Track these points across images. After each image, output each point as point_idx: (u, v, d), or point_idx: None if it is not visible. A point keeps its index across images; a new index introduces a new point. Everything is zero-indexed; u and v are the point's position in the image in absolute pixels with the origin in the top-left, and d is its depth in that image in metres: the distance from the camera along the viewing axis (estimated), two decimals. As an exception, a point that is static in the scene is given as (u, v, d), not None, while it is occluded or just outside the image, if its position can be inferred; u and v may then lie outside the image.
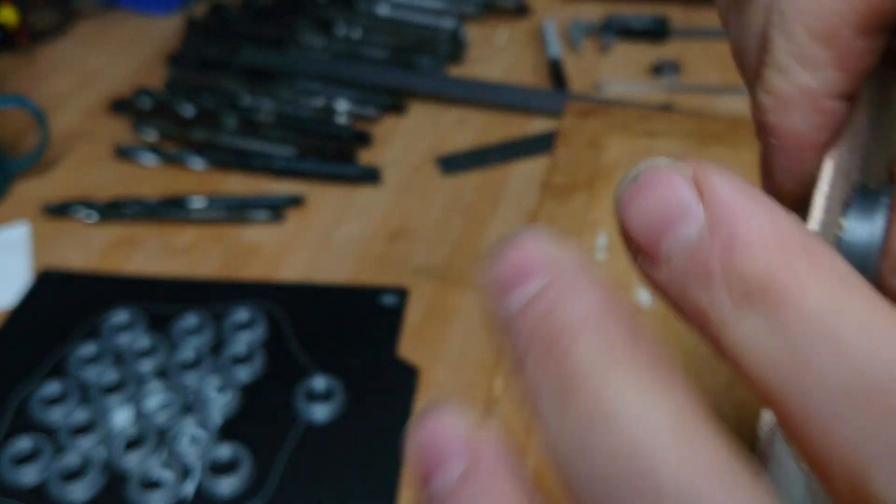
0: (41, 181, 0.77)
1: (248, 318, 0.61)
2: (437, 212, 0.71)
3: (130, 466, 0.52)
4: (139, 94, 0.85)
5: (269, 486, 0.51)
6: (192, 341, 0.59)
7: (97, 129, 0.83)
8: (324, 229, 0.70)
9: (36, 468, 0.51)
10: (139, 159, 0.77)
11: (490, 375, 0.56)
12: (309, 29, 0.92)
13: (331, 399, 0.55)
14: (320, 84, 0.85)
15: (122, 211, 0.70)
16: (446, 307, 0.62)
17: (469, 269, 0.65)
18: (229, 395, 0.55)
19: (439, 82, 0.84)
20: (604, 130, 0.62)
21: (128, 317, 0.61)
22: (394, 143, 0.80)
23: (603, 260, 0.52)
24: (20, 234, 0.71)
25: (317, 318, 0.61)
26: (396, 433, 0.53)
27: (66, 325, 0.61)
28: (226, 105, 0.81)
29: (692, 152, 0.59)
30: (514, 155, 0.77)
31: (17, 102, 0.72)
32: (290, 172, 0.74)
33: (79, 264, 0.67)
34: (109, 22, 1.03)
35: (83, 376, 0.57)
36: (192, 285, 0.64)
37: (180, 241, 0.69)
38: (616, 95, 0.84)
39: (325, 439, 0.53)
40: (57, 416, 0.55)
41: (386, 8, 0.96)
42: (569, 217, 0.55)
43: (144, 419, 0.54)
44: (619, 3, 1.01)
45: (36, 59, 0.95)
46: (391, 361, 0.58)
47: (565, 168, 0.59)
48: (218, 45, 0.90)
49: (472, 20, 0.98)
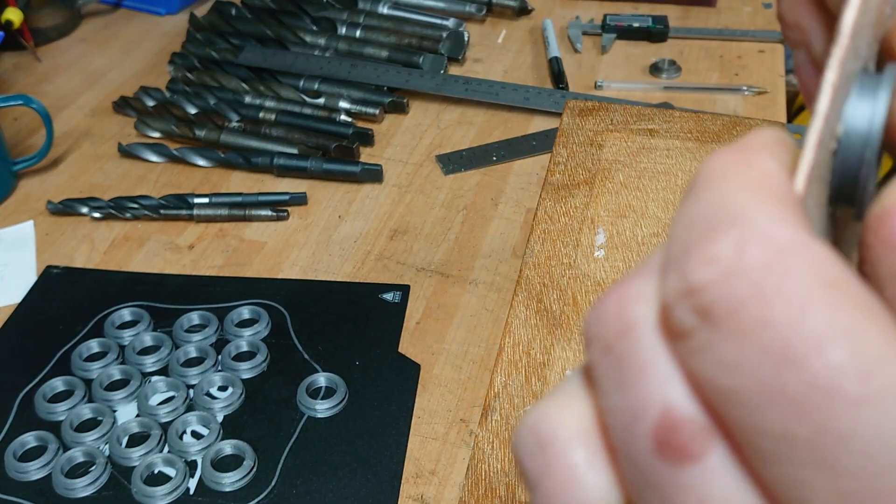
0: (46, 179, 0.77)
1: (250, 314, 0.62)
2: (438, 209, 0.72)
3: (134, 462, 0.52)
4: (143, 93, 0.85)
5: (271, 481, 0.51)
6: (195, 338, 0.60)
7: (102, 127, 0.84)
8: (326, 227, 0.71)
9: (41, 463, 0.52)
10: (143, 158, 0.78)
11: (490, 371, 0.56)
12: (311, 28, 0.93)
13: (333, 395, 0.55)
14: (322, 83, 0.85)
15: (126, 209, 0.71)
16: (447, 304, 0.62)
17: (470, 266, 0.66)
18: (232, 392, 0.56)
19: (440, 81, 0.85)
20: (603, 129, 0.62)
21: (131, 314, 0.62)
22: (395, 142, 0.80)
23: (601, 257, 0.53)
24: (26, 231, 0.71)
25: (319, 314, 0.62)
26: (398, 428, 0.54)
27: (70, 321, 0.62)
28: (229, 104, 0.82)
29: (691, 151, 0.60)
30: (514, 153, 0.77)
31: (22, 102, 0.73)
32: (292, 171, 0.75)
33: (83, 262, 0.68)
34: (113, 22, 1.04)
35: (87, 373, 0.58)
36: (195, 282, 0.65)
37: (184, 238, 0.70)
38: (615, 94, 0.85)
39: (328, 434, 0.54)
40: (61, 412, 0.55)
41: (387, 7, 0.97)
42: (568, 215, 0.56)
43: (148, 415, 0.55)
44: (618, 3, 1.01)
45: (41, 59, 0.96)
46: (393, 357, 0.58)
47: (565, 166, 0.59)
48: (221, 45, 0.91)
49: (472, 20, 0.99)
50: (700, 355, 0.14)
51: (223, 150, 0.78)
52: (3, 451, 0.53)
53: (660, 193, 0.57)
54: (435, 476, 0.51)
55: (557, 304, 0.51)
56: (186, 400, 0.56)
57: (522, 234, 0.68)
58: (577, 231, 0.55)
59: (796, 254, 0.13)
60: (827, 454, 0.13)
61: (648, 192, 0.58)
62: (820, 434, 0.13)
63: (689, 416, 0.14)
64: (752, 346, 0.13)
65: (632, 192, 0.58)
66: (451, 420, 0.54)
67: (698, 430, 0.14)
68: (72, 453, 0.52)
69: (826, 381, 0.12)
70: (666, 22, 0.93)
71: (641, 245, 0.54)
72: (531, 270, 0.53)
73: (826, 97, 0.16)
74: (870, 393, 0.12)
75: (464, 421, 0.54)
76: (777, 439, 0.13)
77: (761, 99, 0.83)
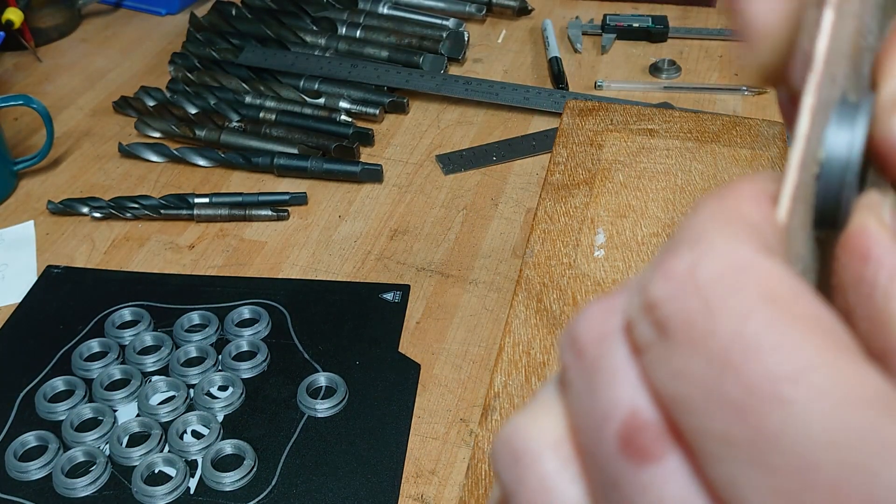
0: (47, 179, 0.77)
1: (251, 314, 0.62)
2: (438, 209, 0.72)
3: (135, 462, 0.52)
4: (143, 92, 0.85)
5: (271, 481, 0.51)
6: (195, 338, 0.60)
7: (102, 127, 0.84)
8: (326, 227, 0.71)
9: (41, 463, 0.52)
10: (144, 158, 0.78)
11: (490, 371, 0.56)
12: (311, 28, 0.93)
13: (333, 394, 0.56)
14: (323, 83, 0.86)
15: (126, 209, 0.71)
16: (447, 304, 0.63)
17: (470, 266, 0.66)
18: (232, 391, 0.56)
19: (440, 81, 0.85)
20: (603, 129, 0.62)
21: (132, 314, 0.62)
22: (395, 142, 0.80)
23: (601, 257, 0.53)
24: (26, 231, 0.71)
25: (319, 314, 0.62)
26: (398, 428, 0.54)
27: (70, 321, 0.62)
28: (229, 104, 0.82)
29: (691, 151, 0.60)
30: (514, 153, 0.78)
31: (22, 102, 0.73)
32: (292, 171, 0.75)
33: (83, 261, 0.68)
34: (114, 22, 1.04)
35: (88, 372, 0.58)
36: (195, 282, 0.65)
37: (184, 238, 0.70)
38: (615, 94, 0.85)
39: (328, 434, 0.54)
40: (62, 412, 0.55)
41: (387, 7, 0.97)
42: (568, 215, 0.56)
43: (148, 415, 0.55)
44: (618, 3, 1.01)
45: (41, 59, 0.96)
46: (393, 357, 0.58)
47: (565, 166, 0.59)
48: (221, 45, 0.91)
49: (472, 20, 0.99)
50: (657, 367, 0.15)
51: (223, 150, 0.78)
52: (4, 451, 0.53)
53: (660, 193, 0.58)
54: (435, 476, 0.51)
55: (557, 303, 0.51)
56: (187, 400, 0.56)
57: (522, 234, 0.69)
58: (577, 231, 0.55)
59: (745, 270, 0.15)
60: (761, 453, 0.13)
61: (648, 192, 0.58)
62: (755, 434, 0.13)
63: (652, 420, 0.15)
64: (699, 356, 0.14)
65: (632, 192, 0.58)
66: (451, 420, 0.55)
67: (659, 433, 0.15)
68: (72, 453, 0.52)
69: (760, 385, 0.13)
70: (666, 22, 0.93)
71: (641, 245, 0.54)
72: (531, 270, 0.53)
73: (805, 120, 0.17)
74: (798, 396, 0.13)
75: (464, 421, 0.55)
76: (719, 441, 0.14)
77: (761, 99, 0.83)
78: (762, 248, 0.15)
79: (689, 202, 0.57)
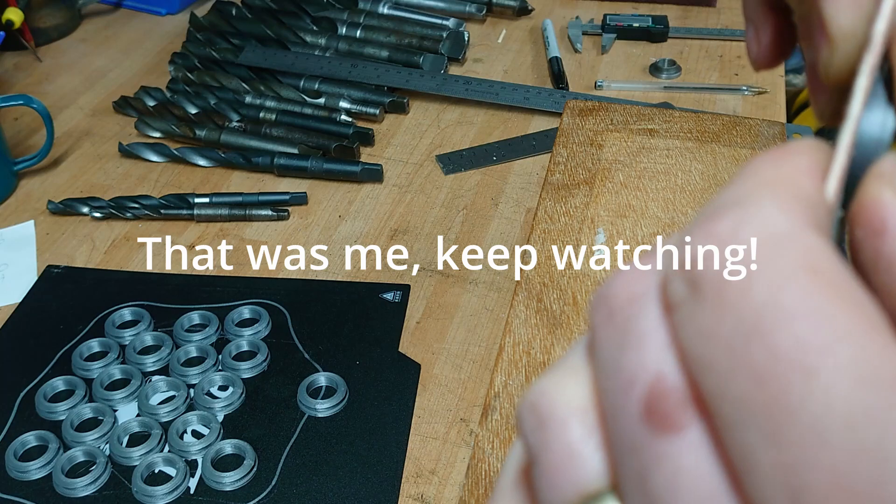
0: (47, 179, 0.77)
1: (251, 314, 0.62)
2: (439, 209, 0.72)
3: (135, 461, 0.52)
4: (143, 92, 0.85)
5: (272, 481, 0.51)
6: (195, 338, 0.60)
7: (102, 127, 0.84)
8: (326, 227, 0.71)
9: (41, 463, 0.52)
10: (144, 157, 0.78)
11: (490, 371, 0.56)
12: (311, 28, 0.93)
13: (333, 394, 0.56)
14: (323, 83, 0.86)
15: (126, 209, 0.71)
16: (447, 304, 0.63)
17: (470, 265, 0.66)
18: (232, 391, 0.56)
19: (440, 81, 0.85)
20: (603, 129, 0.62)
21: (132, 313, 0.62)
22: (395, 142, 0.80)
23: (601, 257, 0.53)
24: (26, 231, 0.71)
25: (319, 314, 0.62)
26: (398, 427, 0.54)
27: (71, 321, 0.62)
28: (229, 104, 0.82)
29: (691, 151, 0.60)
30: (514, 153, 0.78)
31: (23, 101, 0.73)
32: (292, 170, 0.75)
33: (84, 261, 0.68)
34: (114, 22, 1.04)
35: (88, 372, 0.58)
36: (195, 282, 0.65)
37: (184, 238, 0.70)
38: (615, 94, 0.85)
39: (328, 434, 0.54)
40: (62, 412, 0.55)
41: (387, 7, 0.97)
42: (568, 215, 0.56)
43: (148, 415, 0.55)
44: (618, 3, 1.01)
45: (41, 59, 0.96)
46: (393, 357, 0.58)
47: (565, 166, 0.60)
48: (221, 45, 0.91)
49: (472, 20, 0.99)
50: (685, 325, 0.15)
51: (224, 149, 0.78)
52: (4, 451, 0.53)
53: (660, 193, 0.58)
54: (435, 476, 0.51)
55: (557, 303, 0.51)
56: (187, 399, 0.56)
57: (522, 234, 0.69)
58: (577, 231, 0.55)
59: (788, 239, 0.14)
60: (777, 425, 0.13)
61: (648, 192, 0.58)
62: (773, 403, 0.13)
63: (677, 387, 0.15)
64: (728, 317, 0.14)
65: (632, 191, 0.58)
66: (451, 420, 0.55)
67: (683, 403, 0.15)
68: (72, 453, 0.52)
69: (786, 353, 0.13)
70: (666, 22, 0.93)
71: (641, 245, 0.54)
72: (531, 270, 0.53)
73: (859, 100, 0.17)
74: (824, 368, 0.13)
75: (464, 420, 0.55)
76: (737, 405, 0.14)
77: (761, 99, 0.83)
78: (812, 223, 0.15)
79: (689, 202, 0.57)
